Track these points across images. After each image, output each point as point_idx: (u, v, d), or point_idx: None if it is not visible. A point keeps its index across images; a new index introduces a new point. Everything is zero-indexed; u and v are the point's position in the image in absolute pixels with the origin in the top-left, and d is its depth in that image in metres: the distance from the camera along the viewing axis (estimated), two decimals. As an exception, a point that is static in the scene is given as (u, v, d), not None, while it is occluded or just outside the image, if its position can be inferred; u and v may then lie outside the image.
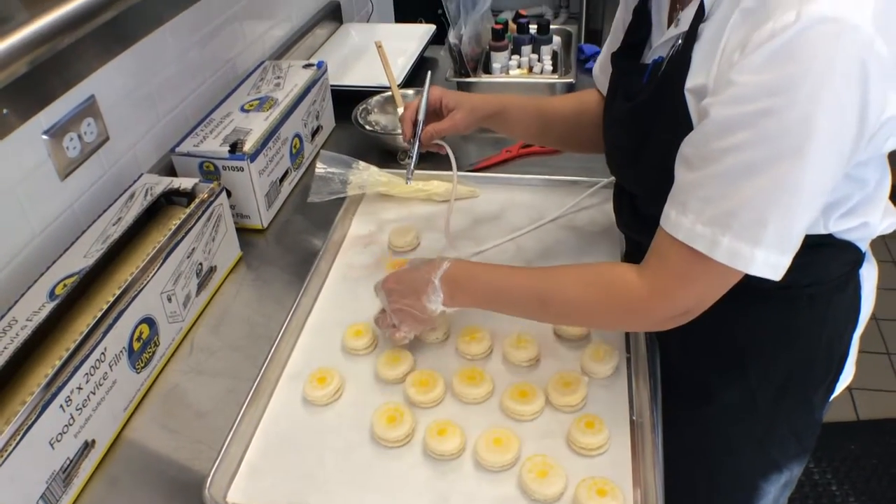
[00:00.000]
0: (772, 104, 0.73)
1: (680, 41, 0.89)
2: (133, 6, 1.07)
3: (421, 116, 1.19)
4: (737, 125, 0.76)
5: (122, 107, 1.30)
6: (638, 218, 1.05)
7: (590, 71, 1.94)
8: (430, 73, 1.26)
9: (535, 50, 1.92)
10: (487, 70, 1.89)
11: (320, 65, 1.62)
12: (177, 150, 1.34)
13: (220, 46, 1.62)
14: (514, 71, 1.88)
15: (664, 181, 0.87)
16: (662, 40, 0.95)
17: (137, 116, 1.36)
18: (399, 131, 1.62)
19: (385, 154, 1.61)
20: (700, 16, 0.85)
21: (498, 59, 1.88)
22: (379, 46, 1.64)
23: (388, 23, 2.79)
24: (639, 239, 0.93)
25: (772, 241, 0.78)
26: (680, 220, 0.83)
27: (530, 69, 1.89)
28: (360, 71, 1.98)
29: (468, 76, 1.81)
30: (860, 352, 1.14)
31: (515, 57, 1.90)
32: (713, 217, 0.80)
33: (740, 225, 0.78)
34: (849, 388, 2.41)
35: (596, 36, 4.06)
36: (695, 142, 0.83)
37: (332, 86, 1.72)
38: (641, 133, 0.97)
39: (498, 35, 1.88)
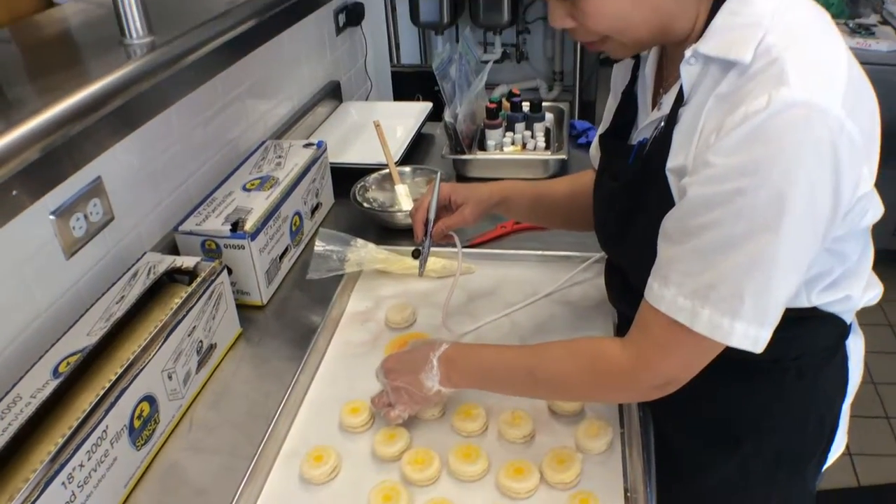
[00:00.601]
0: (745, 184, 0.77)
1: (662, 124, 0.93)
2: (143, 92, 1.12)
3: (431, 215, 1.25)
4: (713, 203, 0.80)
5: (128, 186, 1.34)
6: (628, 292, 1.07)
7: (581, 146, 2.00)
8: (439, 173, 1.34)
9: (529, 127, 1.97)
10: (482, 147, 1.93)
11: (320, 144, 1.67)
12: (180, 228, 1.37)
13: (224, 126, 1.67)
14: (507, 148, 1.92)
15: (651, 256, 0.90)
16: (647, 122, 0.99)
17: (142, 196, 1.39)
18: (396, 209, 1.66)
19: (382, 230, 1.64)
20: (679, 100, 0.89)
21: (492, 137, 1.93)
22: (377, 126, 1.69)
23: (387, 100, 2.87)
24: (629, 313, 0.96)
25: (749, 314, 0.81)
26: (662, 292, 0.86)
27: (524, 146, 1.93)
28: (358, 148, 2.03)
29: (463, 153, 1.86)
30: (858, 417, 1.15)
31: (509, 134, 1.95)
32: (694, 290, 0.83)
33: (719, 297, 0.81)
34: (849, 454, 2.41)
35: (589, 108, 4.16)
36: (675, 218, 0.86)
37: (331, 163, 1.76)
38: (628, 211, 1.01)
39: (492, 113, 1.93)
